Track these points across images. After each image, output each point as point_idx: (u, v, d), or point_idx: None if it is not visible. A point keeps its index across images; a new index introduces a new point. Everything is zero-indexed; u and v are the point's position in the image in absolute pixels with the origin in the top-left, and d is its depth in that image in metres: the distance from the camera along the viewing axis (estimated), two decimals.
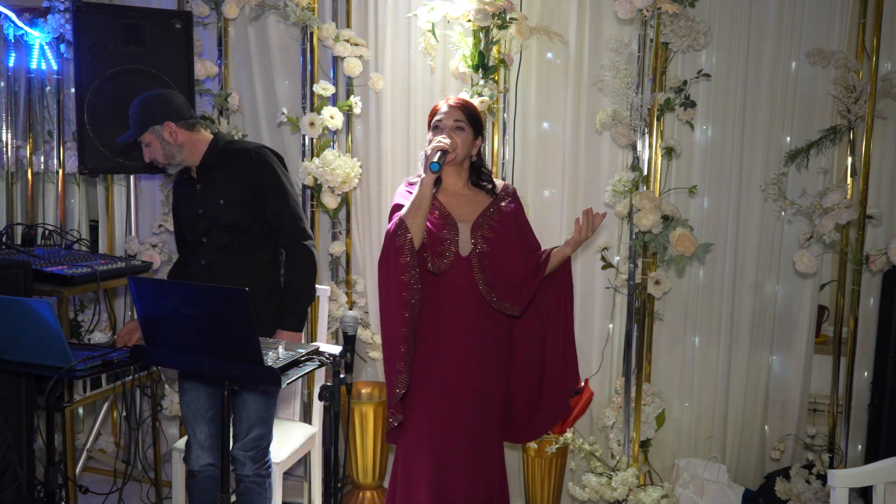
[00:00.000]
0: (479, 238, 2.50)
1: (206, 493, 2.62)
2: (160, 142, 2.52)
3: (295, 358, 2.02)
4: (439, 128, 2.50)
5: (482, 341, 2.53)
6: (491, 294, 2.49)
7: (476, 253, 2.49)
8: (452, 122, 2.49)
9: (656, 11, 2.92)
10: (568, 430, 3.18)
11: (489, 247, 2.50)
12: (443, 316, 2.50)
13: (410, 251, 2.38)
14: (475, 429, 2.54)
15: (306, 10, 3.31)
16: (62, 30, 3.67)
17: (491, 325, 2.54)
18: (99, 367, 2.52)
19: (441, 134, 2.47)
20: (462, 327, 2.51)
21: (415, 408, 2.52)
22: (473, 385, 2.53)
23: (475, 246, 2.50)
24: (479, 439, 2.55)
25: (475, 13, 3.07)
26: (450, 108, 2.51)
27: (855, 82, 2.92)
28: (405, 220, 2.38)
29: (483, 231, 2.51)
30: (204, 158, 2.57)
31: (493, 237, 2.51)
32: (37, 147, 4.05)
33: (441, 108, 2.53)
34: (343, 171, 3.35)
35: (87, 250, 3.63)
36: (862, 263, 2.98)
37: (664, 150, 3.04)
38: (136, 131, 2.54)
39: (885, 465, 1.89)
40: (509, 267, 2.51)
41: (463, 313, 2.50)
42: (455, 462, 2.52)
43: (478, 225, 2.51)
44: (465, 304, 2.50)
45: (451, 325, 2.51)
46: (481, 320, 2.52)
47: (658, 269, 3.05)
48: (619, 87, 3.00)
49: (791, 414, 3.28)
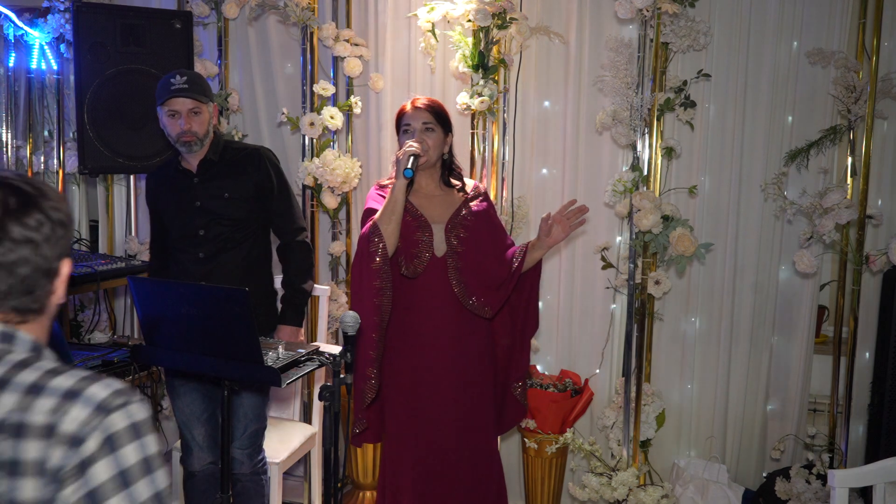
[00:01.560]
0: (452, 238, 2.48)
1: (205, 493, 2.62)
2: (209, 117, 2.52)
3: (295, 358, 2.02)
4: (409, 131, 2.48)
5: (462, 341, 2.53)
6: (465, 295, 2.47)
7: (452, 254, 2.47)
8: (421, 125, 2.47)
9: (656, 11, 2.92)
10: (568, 430, 3.18)
11: (464, 247, 2.48)
12: (418, 319, 2.49)
13: (384, 256, 2.37)
14: (461, 429, 2.54)
15: (306, 10, 3.31)
16: (62, 30, 3.66)
17: (469, 324, 2.53)
18: (99, 367, 2.52)
19: (411, 137, 2.45)
20: (440, 328, 2.50)
21: (396, 415, 2.54)
22: (456, 385, 2.52)
23: (450, 246, 2.48)
24: (466, 437, 2.55)
25: (475, 13, 3.07)
26: (416, 111, 2.49)
27: (855, 82, 2.92)
28: (379, 225, 2.37)
29: (457, 231, 2.49)
30: (209, 153, 2.57)
31: (466, 237, 2.49)
32: (37, 147, 4.05)
33: (408, 111, 2.50)
34: (343, 171, 3.35)
35: (87, 250, 3.63)
36: (862, 263, 2.98)
37: (664, 150, 3.04)
38: (202, 97, 2.48)
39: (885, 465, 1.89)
40: (484, 267, 2.49)
41: (440, 314, 2.49)
42: (441, 464, 2.53)
43: (451, 225, 2.49)
44: (441, 305, 2.49)
45: (427, 328, 2.50)
46: (459, 320, 2.51)
47: (658, 269, 3.05)
48: (619, 87, 3.00)
49: (791, 414, 3.28)
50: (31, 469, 1.01)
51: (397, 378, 2.54)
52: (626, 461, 3.09)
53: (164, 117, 2.50)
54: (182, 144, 2.49)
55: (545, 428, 3.20)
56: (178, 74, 2.47)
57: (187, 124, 2.46)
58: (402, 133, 2.51)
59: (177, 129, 2.47)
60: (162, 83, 2.48)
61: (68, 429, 1.01)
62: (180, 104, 2.46)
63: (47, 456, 1.00)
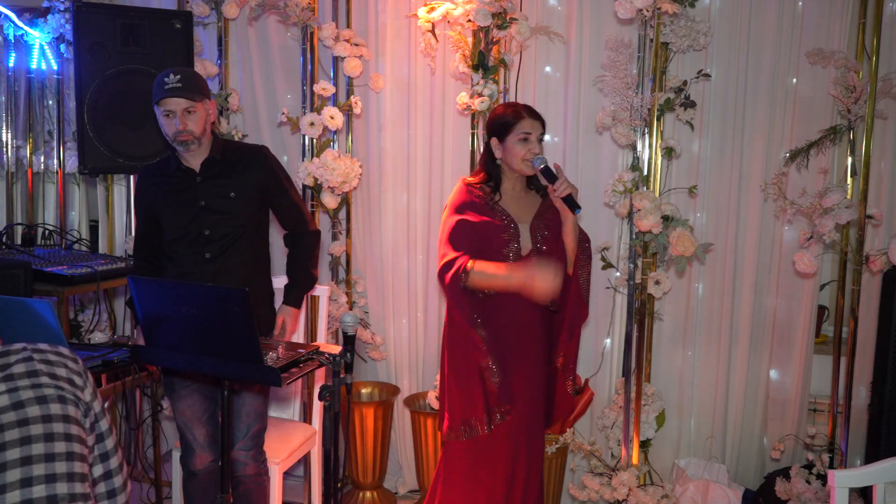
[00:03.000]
0: (538, 238, 2.52)
1: (205, 493, 2.61)
2: (206, 115, 2.51)
3: (295, 358, 2.02)
4: (528, 140, 2.50)
5: (540, 337, 2.57)
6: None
7: (536, 252, 2.51)
8: (539, 135, 2.53)
9: (656, 11, 2.92)
10: (568, 430, 3.18)
11: (547, 247, 2.52)
12: (501, 322, 2.51)
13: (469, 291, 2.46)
14: (531, 427, 2.59)
15: (306, 10, 3.31)
16: (62, 30, 3.66)
17: (544, 319, 2.57)
18: (99, 367, 2.52)
19: (530, 146, 2.49)
20: (525, 325, 2.53)
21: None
22: (539, 384, 2.58)
23: (535, 245, 2.51)
24: (533, 437, 2.60)
25: (475, 13, 3.07)
26: (534, 121, 2.52)
27: (855, 82, 2.92)
28: (477, 281, 2.43)
29: (541, 231, 2.53)
30: (212, 151, 2.56)
31: (549, 236, 2.53)
32: (37, 147, 4.05)
33: (525, 118, 2.52)
34: (343, 171, 3.35)
35: (87, 250, 3.63)
36: (862, 263, 2.98)
37: (664, 150, 3.04)
38: (196, 96, 2.46)
39: (885, 465, 1.88)
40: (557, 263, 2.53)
41: (524, 313, 2.52)
42: (520, 471, 2.57)
43: (535, 226, 2.53)
44: (526, 306, 2.50)
45: (511, 330, 2.53)
46: (539, 316, 2.55)
47: (658, 269, 3.05)
48: (619, 87, 3.00)
49: (791, 414, 3.28)
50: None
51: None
52: (626, 461, 3.09)
53: (161, 117, 2.48)
54: (179, 144, 2.48)
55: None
56: (172, 73, 2.45)
57: (182, 124, 2.45)
58: (518, 141, 2.50)
59: (172, 128, 2.46)
60: (157, 82, 2.46)
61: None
62: (174, 104, 2.44)
63: None
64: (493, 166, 2.56)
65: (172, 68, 2.50)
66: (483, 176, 2.57)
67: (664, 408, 3.23)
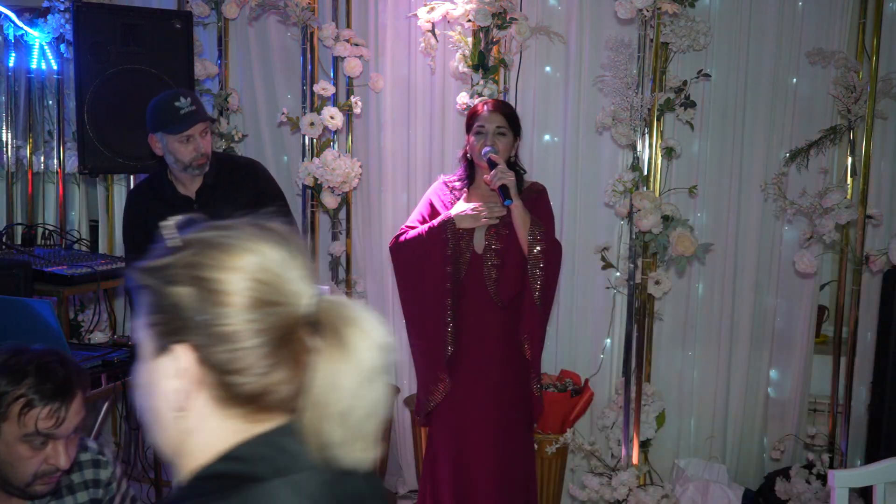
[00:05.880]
0: (493, 235, 2.53)
1: None
2: (212, 136, 2.50)
3: None
4: (482, 133, 2.51)
5: (499, 336, 2.57)
6: (495, 289, 2.53)
7: (489, 249, 2.52)
8: (495, 128, 2.51)
9: (656, 11, 2.92)
10: (568, 430, 3.18)
11: (502, 245, 2.52)
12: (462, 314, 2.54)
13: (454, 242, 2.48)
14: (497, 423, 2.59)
15: (306, 10, 3.31)
16: (62, 30, 3.66)
17: (509, 322, 2.57)
18: (99, 367, 2.52)
19: (484, 139, 2.49)
20: (482, 323, 2.55)
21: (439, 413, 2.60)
22: (497, 381, 2.57)
23: (488, 242, 2.52)
24: (501, 434, 2.59)
25: (475, 13, 3.06)
26: (490, 113, 2.52)
27: (855, 82, 2.92)
28: (455, 222, 2.47)
29: (498, 228, 2.53)
30: (207, 177, 2.52)
31: (507, 234, 2.53)
32: (37, 147, 4.05)
33: (482, 112, 2.53)
34: (343, 171, 3.35)
35: (87, 250, 3.63)
36: (862, 263, 2.98)
37: (664, 150, 3.03)
38: (210, 116, 2.46)
39: (885, 465, 1.89)
40: (512, 263, 2.53)
41: (480, 311, 2.54)
42: (477, 460, 2.57)
43: (497, 224, 2.53)
44: (479, 300, 2.53)
45: (471, 324, 2.54)
46: (497, 314, 2.55)
47: (658, 269, 3.05)
48: (619, 87, 3.00)
49: (791, 414, 3.28)
50: None
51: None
52: (626, 461, 3.09)
53: (174, 143, 2.40)
54: (196, 168, 2.44)
55: (545, 428, 3.19)
56: (182, 97, 2.37)
57: (204, 147, 2.41)
58: (475, 134, 2.54)
59: (190, 154, 2.40)
60: (164, 108, 2.37)
61: None
62: (195, 128, 2.39)
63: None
64: (469, 162, 2.62)
65: (173, 91, 2.45)
66: (460, 172, 2.64)
67: (664, 408, 3.23)
